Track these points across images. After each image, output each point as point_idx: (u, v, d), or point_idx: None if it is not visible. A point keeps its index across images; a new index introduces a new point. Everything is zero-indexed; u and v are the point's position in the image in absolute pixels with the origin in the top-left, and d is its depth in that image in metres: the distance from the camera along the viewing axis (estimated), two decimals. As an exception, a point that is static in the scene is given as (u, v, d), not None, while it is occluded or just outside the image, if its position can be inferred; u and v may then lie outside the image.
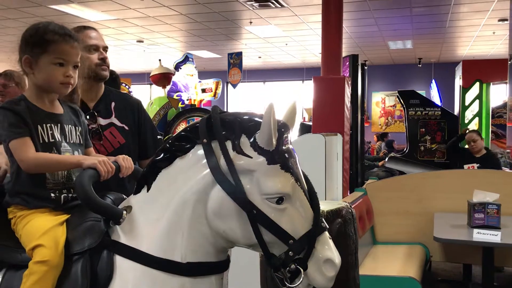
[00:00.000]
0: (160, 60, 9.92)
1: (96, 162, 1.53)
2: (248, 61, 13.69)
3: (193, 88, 9.23)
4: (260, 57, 14.02)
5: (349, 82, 4.54)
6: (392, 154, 7.83)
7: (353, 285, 1.73)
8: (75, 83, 1.69)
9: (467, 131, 6.20)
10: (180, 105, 8.82)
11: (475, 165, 5.65)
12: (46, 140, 1.61)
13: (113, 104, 2.32)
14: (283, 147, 1.39)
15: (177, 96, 8.87)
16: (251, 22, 9.53)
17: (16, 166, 1.59)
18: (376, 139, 12.64)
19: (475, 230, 3.49)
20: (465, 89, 6.92)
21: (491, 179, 4.60)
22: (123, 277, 1.42)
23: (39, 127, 1.61)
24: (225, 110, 1.60)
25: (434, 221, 4.12)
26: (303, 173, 1.45)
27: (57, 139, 1.64)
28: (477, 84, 6.80)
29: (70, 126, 1.71)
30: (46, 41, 1.60)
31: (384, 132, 13.48)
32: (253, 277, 1.91)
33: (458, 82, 7.22)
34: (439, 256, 4.70)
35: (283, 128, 1.39)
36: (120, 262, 1.44)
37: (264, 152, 1.36)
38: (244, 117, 1.43)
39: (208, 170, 1.39)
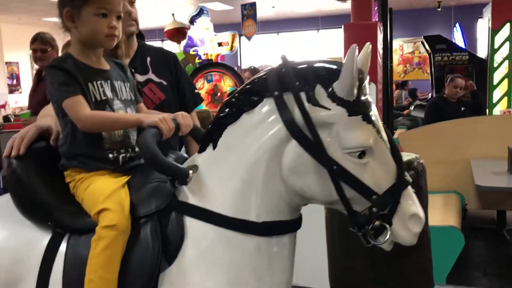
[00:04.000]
0: (173, 14, 9.64)
1: (157, 120, 1.44)
2: (261, 12, 13.31)
3: (209, 42, 8.99)
4: (273, 7, 13.61)
5: (381, 28, 4.34)
6: (417, 102, 7.64)
7: (425, 239, 1.67)
8: (120, 36, 1.58)
9: (451, 78, 5.95)
10: (196, 60, 8.63)
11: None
12: (98, 98, 1.52)
13: (148, 59, 2.23)
14: (363, 97, 1.28)
15: (193, 51, 8.65)
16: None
17: (70, 127, 1.51)
18: (395, 87, 12.38)
19: (518, 176, 3.40)
20: (494, 31, 6.61)
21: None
22: (196, 239, 1.36)
23: (90, 85, 1.51)
24: (239, 64, 1.50)
25: (472, 169, 4.02)
26: (382, 124, 1.35)
27: (109, 97, 1.55)
28: (508, 25, 6.49)
29: (119, 82, 1.61)
30: None
31: (404, 80, 13.16)
32: (319, 236, 1.85)
33: (487, 24, 6.90)
34: (474, 203, 4.64)
35: (361, 75, 1.28)
36: (191, 224, 1.37)
37: (344, 103, 1.25)
38: (318, 65, 1.32)
39: (282, 124, 1.29)
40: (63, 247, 1.46)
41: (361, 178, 1.27)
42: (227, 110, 1.39)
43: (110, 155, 1.53)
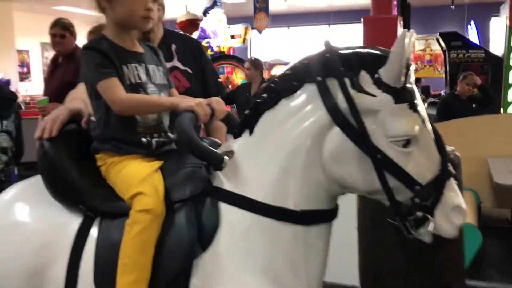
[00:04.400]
0: (186, 6, 9.60)
1: (194, 104, 1.41)
2: (272, 6, 13.24)
3: (221, 34, 8.95)
4: (285, 0, 13.52)
5: (401, 22, 4.29)
6: (430, 100, 7.58)
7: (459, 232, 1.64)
8: (155, 18, 1.56)
9: (464, 75, 5.87)
10: (209, 52, 8.60)
11: None
12: (133, 81, 1.50)
13: (173, 46, 2.21)
14: (409, 85, 1.25)
15: (206, 43, 8.62)
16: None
17: (104, 110, 1.49)
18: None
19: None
20: (511, 28, 6.56)
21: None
22: (231, 226, 1.34)
23: (124, 67, 1.49)
24: (249, 57, 1.48)
25: (490, 167, 3.98)
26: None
27: (144, 80, 1.53)
28: (526, 23, 6.43)
29: (153, 66, 1.59)
30: None
31: (417, 77, 13.05)
32: (348, 230, 1.82)
33: (504, 21, 6.82)
34: (489, 202, 4.59)
35: (408, 62, 1.25)
36: (226, 210, 1.35)
37: (390, 90, 1.22)
38: (363, 50, 1.29)
39: (324, 111, 1.26)
40: (94, 231, 1.44)
41: (405, 167, 1.24)
42: (264, 95, 1.36)
43: (143, 139, 1.51)
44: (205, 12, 8.84)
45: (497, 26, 7.69)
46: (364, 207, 1.75)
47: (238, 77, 8.13)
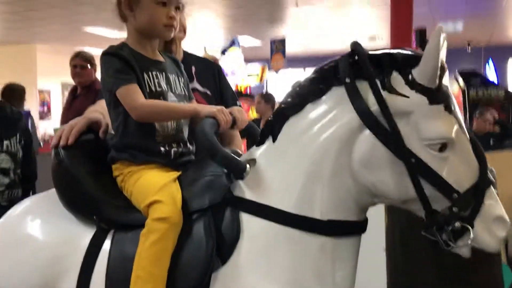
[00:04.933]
0: (205, 47, 9.79)
1: (215, 110, 1.36)
2: (288, 48, 13.45)
3: (239, 73, 9.06)
4: (302, 44, 13.74)
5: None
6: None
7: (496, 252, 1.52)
8: (178, 28, 1.53)
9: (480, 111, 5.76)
10: (227, 90, 8.67)
11: None
12: (153, 89, 1.46)
13: (193, 68, 2.19)
14: (444, 86, 1.18)
15: (223, 81, 8.70)
16: (297, 5, 9.25)
17: (123, 118, 1.44)
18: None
19: None
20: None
21: None
22: (252, 237, 1.25)
23: (145, 75, 1.46)
24: None
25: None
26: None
27: (164, 89, 1.49)
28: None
29: (174, 76, 1.56)
30: None
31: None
32: (376, 244, 1.71)
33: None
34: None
35: (442, 62, 1.19)
36: (248, 221, 1.27)
37: (425, 90, 1.16)
38: (394, 51, 1.24)
39: (354, 114, 1.20)
40: (107, 243, 1.37)
41: (441, 173, 1.16)
42: (289, 100, 1.31)
43: (162, 148, 1.45)
44: (223, 51, 8.99)
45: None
46: (392, 219, 1.65)
47: (254, 115, 8.14)
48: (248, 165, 1.28)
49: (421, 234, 1.52)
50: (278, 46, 10.92)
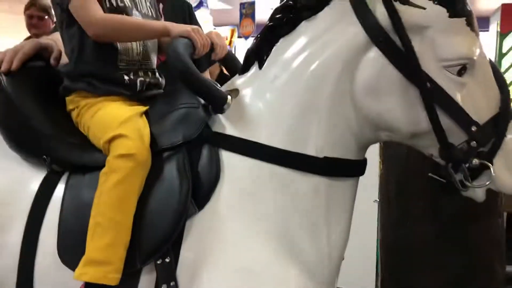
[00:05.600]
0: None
1: (190, 29, 1.14)
2: (259, 14, 13.13)
3: (207, 36, 8.72)
4: (272, 9, 13.43)
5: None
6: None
7: (498, 203, 1.41)
8: None
9: None
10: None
11: None
12: (114, 4, 1.23)
13: (161, 5, 1.97)
14: None
15: (191, 43, 8.37)
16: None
17: (78, 39, 1.20)
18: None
19: None
20: (503, 35, 6.45)
21: None
22: (235, 179, 1.06)
23: None
24: None
25: None
26: None
27: (127, 4, 1.26)
28: (517, 29, 6.34)
29: None
30: None
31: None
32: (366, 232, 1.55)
33: (495, 28, 6.72)
34: None
35: None
36: (229, 159, 1.07)
37: (444, 1, 0.97)
38: None
39: (360, 29, 1.00)
40: (60, 188, 1.15)
41: (459, 101, 0.98)
42: (279, 16, 1.10)
43: (126, 77, 1.23)
44: (191, 13, 8.61)
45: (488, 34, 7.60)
46: (387, 170, 1.49)
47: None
48: (229, 96, 1.08)
49: (418, 185, 1.37)
50: (248, 9, 10.57)
